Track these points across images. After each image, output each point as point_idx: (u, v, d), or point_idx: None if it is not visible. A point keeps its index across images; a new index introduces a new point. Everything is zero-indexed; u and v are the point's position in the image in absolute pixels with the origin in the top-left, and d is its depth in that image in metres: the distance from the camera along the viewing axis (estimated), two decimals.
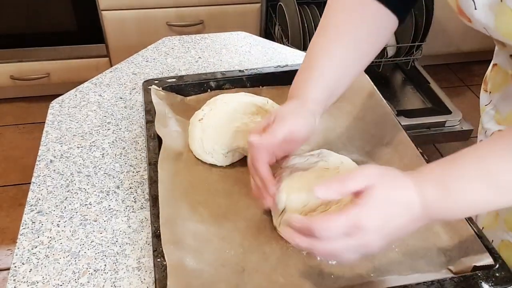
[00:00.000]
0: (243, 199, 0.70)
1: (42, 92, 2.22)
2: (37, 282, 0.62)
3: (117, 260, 0.65)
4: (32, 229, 0.69)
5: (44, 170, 0.78)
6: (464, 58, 2.58)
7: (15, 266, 0.64)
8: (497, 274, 0.58)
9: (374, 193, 0.51)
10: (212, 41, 1.14)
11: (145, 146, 0.80)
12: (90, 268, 0.64)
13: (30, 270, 0.64)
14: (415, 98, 2.09)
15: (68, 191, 0.75)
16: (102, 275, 0.63)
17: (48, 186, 0.76)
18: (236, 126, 0.76)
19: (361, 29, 0.69)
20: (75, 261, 0.65)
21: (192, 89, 0.89)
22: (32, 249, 0.66)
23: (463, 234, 0.64)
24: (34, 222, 0.70)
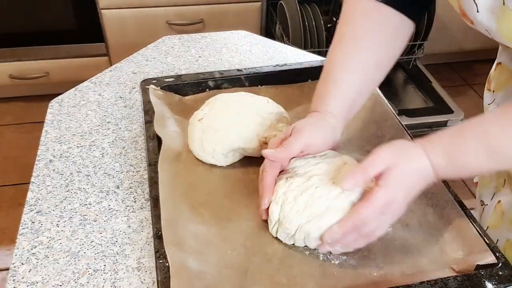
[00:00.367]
0: (244, 200, 0.70)
1: (41, 91, 2.21)
2: (37, 282, 0.62)
3: (116, 260, 0.65)
4: (31, 229, 0.68)
5: (43, 169, 0.78)
6: (466, 57, 2.57)
7: (14, 266, 0.64)
8: (500, 273, 0.59)
9: (394, 171, 0.57)
10: (213, 40, 1.13)
11: (145, 146, 0.80)
12: (89, 268, 0.64)
13: (30, 270, 0.63)
14: (417, 97, 2.08)
15: (67, 191, 0.74)
16: (101, 275, 0.63)
17: (48, 186, 0.75)
18: (236, 126, 0.75)
19: (379, 38, 0.70)
20: (74, 261, 0.64)
21: (190, 88, 0.88)
22: (32, 249, 0.66)
23: (466, 233, 0.64)
24: (33, 222, 0.69)
